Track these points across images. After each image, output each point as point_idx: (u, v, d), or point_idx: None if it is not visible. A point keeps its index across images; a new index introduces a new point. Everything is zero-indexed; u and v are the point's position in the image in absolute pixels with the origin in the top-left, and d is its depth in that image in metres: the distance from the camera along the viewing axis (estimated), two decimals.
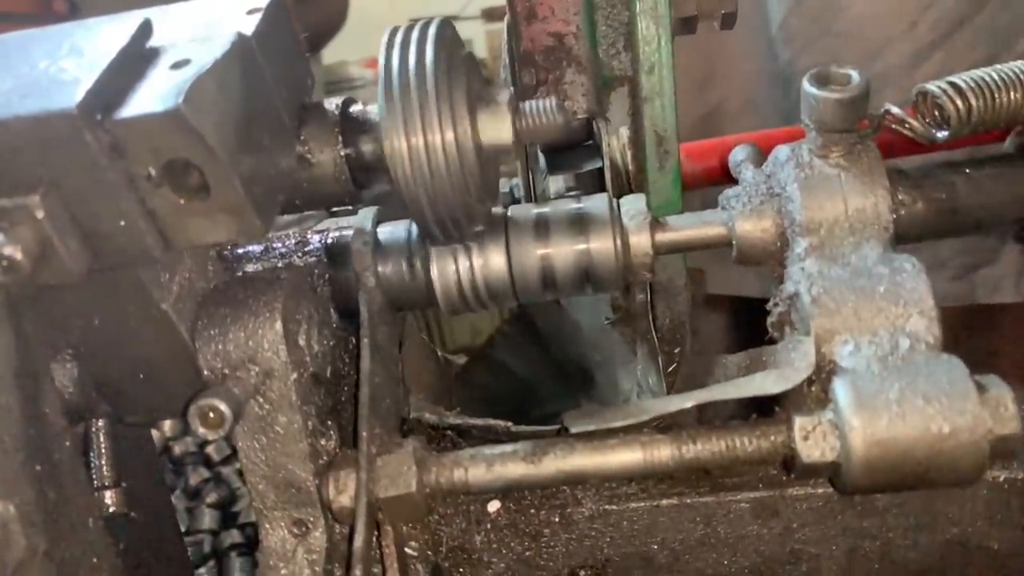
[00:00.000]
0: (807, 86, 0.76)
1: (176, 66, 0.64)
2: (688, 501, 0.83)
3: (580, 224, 0.79)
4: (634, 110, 1.07)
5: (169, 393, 0.75)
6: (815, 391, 0.71)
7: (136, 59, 0.66)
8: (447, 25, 0.73)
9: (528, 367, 1.35)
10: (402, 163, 0.69)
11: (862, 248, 0.75)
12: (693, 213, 0.83)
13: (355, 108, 0.79)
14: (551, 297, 0.83)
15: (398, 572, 0.78)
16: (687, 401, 0.73)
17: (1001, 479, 0.80)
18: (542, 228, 0.80)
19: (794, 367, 0.71)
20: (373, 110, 0.78)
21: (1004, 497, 0.81)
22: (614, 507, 0.84)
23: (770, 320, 0.79)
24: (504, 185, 1.18)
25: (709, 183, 1.29)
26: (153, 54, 0.67)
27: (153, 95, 0.62)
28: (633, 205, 0.81)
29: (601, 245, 0.78)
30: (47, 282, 0.63)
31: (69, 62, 0.64)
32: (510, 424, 0.83)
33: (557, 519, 0.85)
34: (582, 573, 0.86)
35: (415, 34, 0.71)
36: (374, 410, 0.75)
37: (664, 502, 0.84)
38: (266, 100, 0.71)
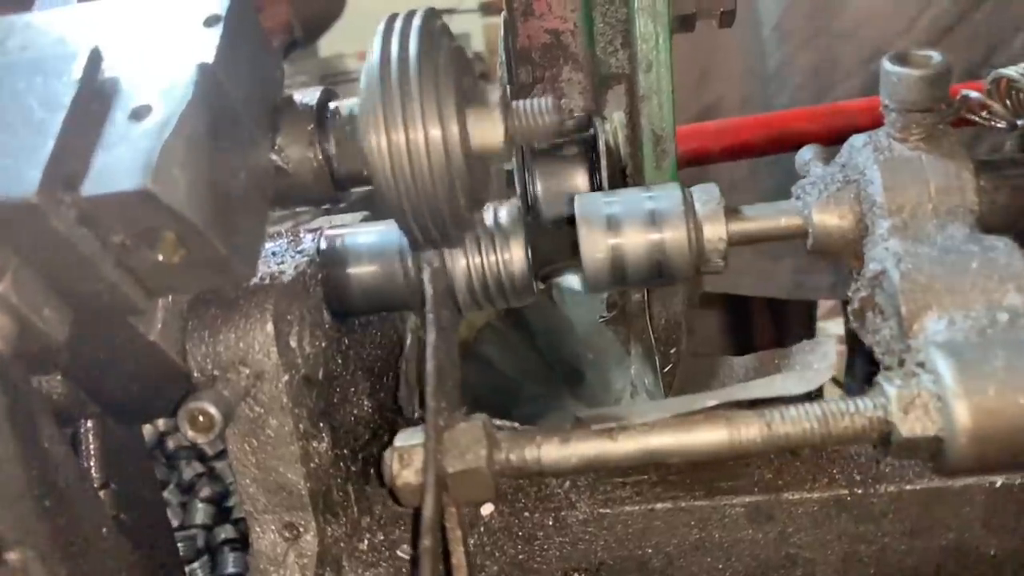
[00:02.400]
0: (888, 65, 0.74)
1: (136, 115, 0.60)
2: (683, 505, 0.83)
3: (652, 212, 0.78)
4: (631, 108, 1.06)
5: (161, 399, 0.74)
6: (908, 369, 0.67)
7: (90, 104, 0.61)
8: (435, 16, 0.70)
9: (515, 364, 1.34)
10: (383, 162, 0.65)
11: (947, 229, 0.73)
12: (767, 203, 0.81)
13: (333, 103, 0.76)
14: (620, 288, 0.81)
15: (464, 558, 0.74)
16: (709, 400, 0.70)
17: (998, 484, 0.79)
18: (612, 218, 0.78)
19: (814, 369, 0.70)
20: (354, 105, 0.75)
21: (1001, 503, 0.80)
22: (608, 510, 0.83)
23: (851, 307, 0.77)
24: (509, 164, 1.16)
25: (686, 163, 1.31)
26: (107, 93, 0.62)
27: (117, 164, 0.58)
28: (706, 192, 0.79)
29: (674, 234, 0.77)
30: (29, 351, 0.61)
31: (16, 118, 0.59)
32: (516, 425, 0.82)
33: (551, 522, 0.84)
34: None
35: (400, 25, 0.68)
36: (439, 385, 0.72)
37: (659, 506, 0.83)
38: (236, 127, 0.67)
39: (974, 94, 0.80)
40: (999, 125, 0.80)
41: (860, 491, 0.81)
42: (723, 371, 1.00)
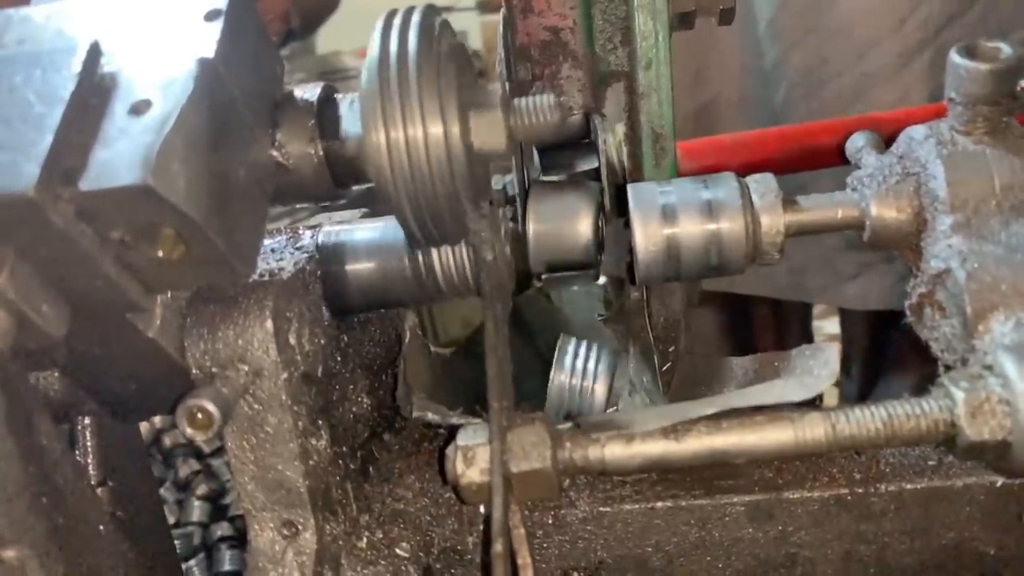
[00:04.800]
0: (956, 58, 0.74)
1: (135, 110, 0.60)
2: (683, 504, 0.82)
3: (708, 203, 0.77)
4: (630, 106, 1.06)
5: (159, 396, 0.74)
6: (973, 370, 0.67)
7: (89, 99, 0.61)
8: (435, 12, 0.69)
9: (515, 361, 1.34)
10: (384, 159, 0.65)
11: (1012, 226, 0.72)
12: (824, 194, 0.80)
13: (334, 99, 0.76)
14: (672, 279, 0.81)
15: (529, 555, 0.73)
16: (707, 408, 0.70)
17: (998, 484, 0.79)
18: (668, 208, 0.78)
19: (814, 375, 0.70)
20: (354, 101, 0.75)
21: (1001, 502, 0.80)
22: (608, 509, 0.83)
23: (908, 302, 0.77)
24: (497, 183, 1.16)
25: None
26: (106, 88, 0.62)
27: (116, 159, 0.57)
28: (762, 184, 0.79)
29: (731, 225, 0.76)
30: (26, 347, 0.61)
31: (14, 112, 0.58)
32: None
33: (550, 520, 0.84)
34: (575, 575, 0.85)
35: (401, 21, 0.67)
36: (501, 384, 0.72)
37: (658, 504, 0.83)
38: (235, 122, 0.67)
39: None
40: None
41: (860, 490, 0.81)
42: (722, 372, 0.99)
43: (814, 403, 0.76)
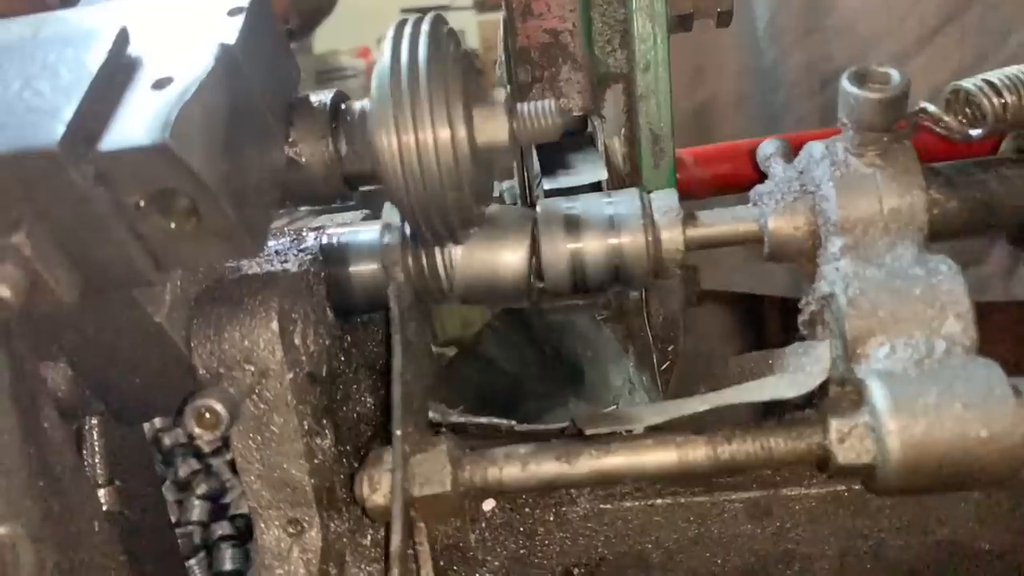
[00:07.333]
0: (846, 85, 0.75)
1: (158, 85, 0.62)
2: (682, 501, 0.83)
3: (611, 219, 0.79)
4: (629, 108, 1.07)
5: (165, 394, 0.75)
6: (848, 392, 0.70)
7: (115, 75, 0.63)
8: (442, 21, 0.72)
9: (517, 362, 1.35)
10: (394, 162, 0.67)
11: (896, 248, 0.74)
12: (725, 209, 0.82)
13: (346, 104, 0.78)
14: (581, 292, 0.82)
15: (432, 572, 0.77)
16: (702, 404, 0.72)
17: None
18: (572, 223, 0.79)
19: (807, 372, 0.71)
20: (365, 106, 0.77)
21: (995, 498, 0.81)
22: (608, 506, 0.84)
23: (801, 318, 0.79)
24: (495, 189, 1.17)
25: (718, 191, 1.25)
26: (132, 67, 0.65)
27: (137, 123, 0.59)
28: (664, 201, 0.80)
29: (632, 240, 0.78)
30: (38, 311, 0.62)
31: (44, 83, 0.61)
32: (514, 423, 0.82)
33: (551, 518, 0.85)
34: (576, 572, 0.86)
35: (410, 30, 0.70)
36: (407, 408, 0.74)
37: (658, 501, 0.84)
38: (252, 110, 0.69)
39: (931, 107, 0.81)
40: (955, 137, 0.81)
41: (857, 487, 0.82)
42: (720, 370, 1.01)
43: (812, 400, 0.77)
